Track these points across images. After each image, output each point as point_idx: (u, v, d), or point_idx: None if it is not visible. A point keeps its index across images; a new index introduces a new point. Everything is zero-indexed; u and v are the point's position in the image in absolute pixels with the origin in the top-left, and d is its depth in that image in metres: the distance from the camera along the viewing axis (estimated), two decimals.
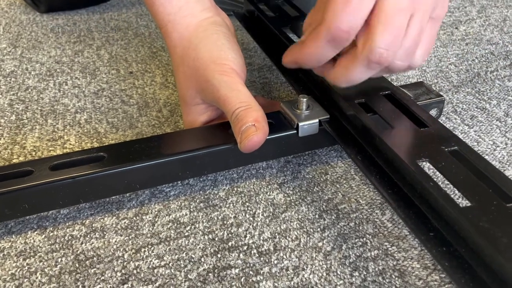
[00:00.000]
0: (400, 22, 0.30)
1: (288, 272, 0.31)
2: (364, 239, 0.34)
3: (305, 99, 0.38)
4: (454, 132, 0.44)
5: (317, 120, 0.38)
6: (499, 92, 0.50)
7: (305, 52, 0.34)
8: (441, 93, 0.50)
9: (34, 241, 0.35)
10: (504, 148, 0.42)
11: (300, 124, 0.37)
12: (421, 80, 0.53)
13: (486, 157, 0.41)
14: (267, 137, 0.35)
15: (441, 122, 0.45)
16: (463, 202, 0.33)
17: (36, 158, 0.43)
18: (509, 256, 0.24)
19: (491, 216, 0.26)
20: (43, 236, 0.35)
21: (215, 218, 0.36)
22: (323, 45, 0.32)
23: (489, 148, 0.42)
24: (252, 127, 0.34)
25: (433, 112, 0.42)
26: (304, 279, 0.31)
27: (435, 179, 0.29)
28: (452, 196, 0.30)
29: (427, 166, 0.31)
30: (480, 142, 0.43)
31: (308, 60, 0.35)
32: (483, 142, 0.43)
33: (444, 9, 0.33)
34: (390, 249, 0.33)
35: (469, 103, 0.48)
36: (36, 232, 0.35)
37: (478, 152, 0.41)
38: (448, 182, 0.29)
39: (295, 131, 0.38)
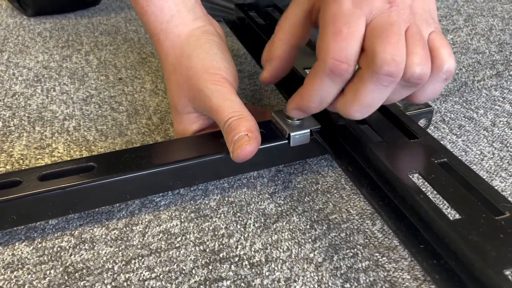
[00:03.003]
0: (397, 31, 0.29)
1: (280, 284, 0.31)
2: (355, 249, 0.34)
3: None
4: (442, 141, 0.45)
5: (308, 130, 0.38)
6: (486, 101, 0.51)
7: (306, 95, 0.33)
8: (429, 102, 0.51)
9: (22, 253, 0.34)
10: (491, 157, 0.42)
11: (292, 134, 0.37)
12: None
13: (474, 166, 0.41)
14: (259, 146, 0.35)
15: (430, 131, 0.46)
16: (453, 213, 0.34)
17: (23, 166, 0.42)
18: (498, 270, 0.24)
19: (480, 229, 0.26)
20: (31, 247, 0.34)
21: (206, 228, 0.36)
22: (323, 82, 0.31)
23: (477, 158, 0.42)
24: (245, 136, 0.34)
25: (422, 122, 0.43)
26: None
27: (425, 191, 0.29)
28: (442, 208, 0.30)
29: (417, 178, 0.32)
30: (468, 152, 0.43)
31: (312, 102, 0.33)
32: (471, 151, 0.43)
33: (436, 20, 0.33)
34: (380, 260, 0.33)
35: (457, 112, 0.49)
36: (24, 244, 0.35)
37: (466, 162, 0.42)
38: (439, 195, 0.30)
39: (287, 141, 0.38)
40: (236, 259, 0.33)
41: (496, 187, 0.39)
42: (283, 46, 0.36)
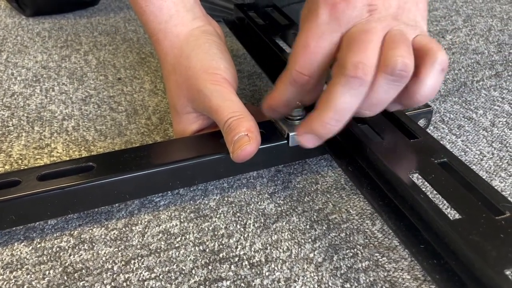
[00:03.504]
0: (370, 37, 0.29)
1: (280, 284, 0.31)
2: (355, 249, 0.34)
3: (296, 109, 0.38)
4: (442, 141, 0.45)
5: None
6: (485, 101, 0.51)
7: (275, 97, 0.35)
8: (428, 102, 0.51)
9: (21, 253, 0.34)
10: (490, 158, 0.42)
11: (291, 134, 0.37)
12: None
13: (474, 167, 0.41)
14: (259, 147, 0.35)
15: (429, 131, 0.46)
16: (453, 213, 0.34)
17: (22, 166, 0.42)
18: (499, 270, 0.24)
19: (480, 229, 0.26)
20: (30, 247, 0.34)
21: (206, 228, 0.36)
22: (287, 89, 0.34)
23: (476, 158, 0.43)
24: (245, 136, 0.34)
25: (421, 122, 0.43)
26: None
27: (425, 191, 0.29)
28: (442, 208, 0.30)
29: (417, 178, 0.32)
30: (468, 152, 0.43)
31: (280, 103, 0.36)
32: (470, 152, 0.43)
33: (424, 29, 0.33)
34: (380, 260, 0.33)
35: (456, 113, 0.49)
36: (23, 244, 0.35)
37: (466, 162, 0.42)
38: (439, 195, 0.30)
39: (286, 141, 0.38)
40: (236, 259, 0.33)
41: (496, 187, 0.39)
42: None
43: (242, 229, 0.36)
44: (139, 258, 0.33)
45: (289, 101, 0.35)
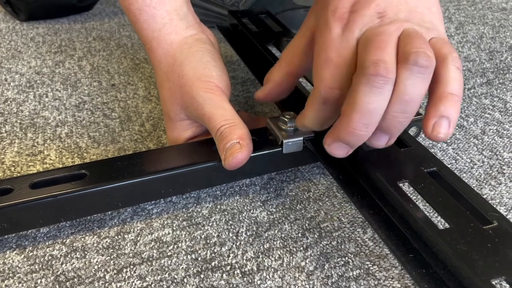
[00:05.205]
0: (385, 37, 0.29)
1: None
2: (346, 258, 0.34)
3: (290, 116, 0.38)
4: (433, 149, 0.45)
5: (301, 138, 0.38)
6: (476, 109, 0.51)
7: (307, 117, 0.33)
8: (420, 109, 0.51)
9: (13, 261, 0.34)
10: (481, 166, 0.43)
11: (285, 141, 0.37)
12: None
13: (464, 175, 0.42)
14: (251, 154, 0.35)
15: (421, 139, 0.46)
16: (442, 222, 0.34)
17: (15, 173, 0.42)
18: (486, 279, 0.24)
19: (468, 238, 0.27)
20: (22, 256, 0.34)
21: (198, 237, 0.36)
22: (320, 108, 0.32)
23: (467, 166, 0.43)
24: (236, 144, 0.34)
25: (413, 130, 0.43)
26: None
27: (415, 201, 0.29)
28: (431, 217, 0.30)
29: (407, 187, 0.32)
30: (458, 160, 0.44)
31: (313, 124, 0.34)
32: (461, 160, 0.44)
33: (440, 30, 0.32)
34: (371, 268, 0.33)
35: None
36: (15, 252, 0.35)
37: (456, 170, 0.42)
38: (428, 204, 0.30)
39: (280, 148, 0.38)
40: (228, 267, 0.33)
41: (485, 195, 0.39)
42: (280, 72, 0.38)
43: (234, 237, 0.36)
44: (131, 266, 0.33)
45: (323, 119, 0.33)
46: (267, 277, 0.33)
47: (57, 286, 0.32)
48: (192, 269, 0.33)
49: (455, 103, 0.29)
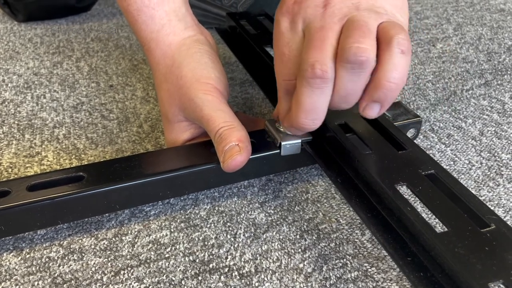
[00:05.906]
0: (324, 33, 0.29)
1: None
2: (345, 260, 0.34)
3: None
4: (431, 151, 0.45)
5: (299, 140, 0.38)
6: (474, 111, 0.51)
7: (280, 110, 0.36)
8: (418, 111, 0.52)
9: (9, 264, 0.34)
10: (479, 167, 0.43)
11: (283, 143, 0.37)
12: (399, 98, 0.54)
13: (462, 176, 0.42)
14: (250, 156, 0.35)
15: (419, 140, 0.46)
16: (440, 224, 0.34)
17: (12, 175, 0.42)
18: (483, 282, 0.24)
19: (466, 241, 0.26)
20: (19, 258, 0.34)
21: (196, 238, 0.36)
22: (286, 99, 0.34)
23: (465, 167, 0.43)
24: (235, 146, 0.34)
25: (411, 132, 0.43)
26: None
27: (412, 204, 0.29)
28: (429, 220, 0.30)
29: (405, 190, 0.32)
30: (457, 161, 0.44)
31: (281, 110, 0.36)
32: (459, 161, 0.44)
33: (393, 14, 0.31)
34: (369, 270, 0.33)
35: (445, 122, 0.50)
36: (12, 254, 0.35)
37: (455, 171, 0.42)
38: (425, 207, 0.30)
39: (278, 150, 0.38)
40: (226, 269, 0.33)
41: (483, 197, 0.40)
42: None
43: (232, 239, 0.36)
44: (129, 268, 0.33)
45: (283, 109, 0.35)
46: (265, 279, 0.33)
47: None
48: (190, 271, 0.33)
49: (391, 92, 0.29)
